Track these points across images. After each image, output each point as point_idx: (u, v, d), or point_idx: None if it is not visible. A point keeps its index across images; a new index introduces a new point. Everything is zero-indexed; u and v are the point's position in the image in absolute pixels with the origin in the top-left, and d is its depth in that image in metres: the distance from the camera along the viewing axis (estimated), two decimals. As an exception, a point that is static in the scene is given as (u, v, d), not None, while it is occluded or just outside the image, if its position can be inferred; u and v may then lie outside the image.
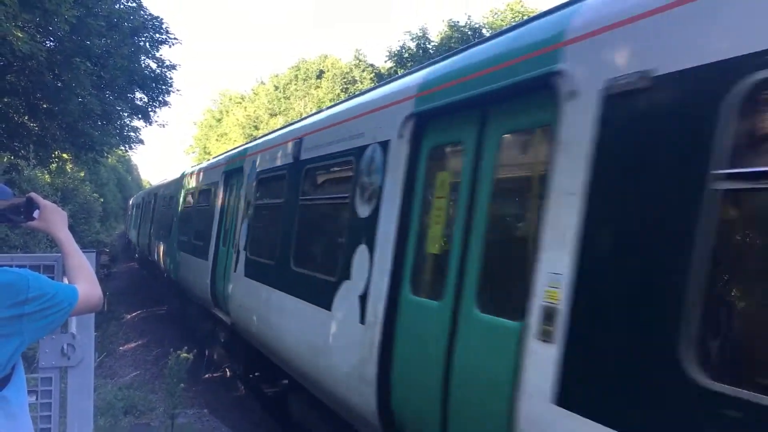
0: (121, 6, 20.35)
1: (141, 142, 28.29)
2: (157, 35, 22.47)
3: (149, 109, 24.02)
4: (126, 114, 23.36)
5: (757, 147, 2.54)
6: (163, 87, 23.51)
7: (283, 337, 6.78)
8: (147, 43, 22.37)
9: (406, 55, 26.59)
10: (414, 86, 4.88)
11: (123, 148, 29.56)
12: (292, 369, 6.73)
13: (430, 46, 25.99)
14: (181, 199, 16.30)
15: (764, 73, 2.39)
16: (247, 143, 11.49)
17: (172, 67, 23.50)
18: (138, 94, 23.35)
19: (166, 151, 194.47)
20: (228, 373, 12.43)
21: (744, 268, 2.72)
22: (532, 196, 3.63)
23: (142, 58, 22.44)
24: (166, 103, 24.04)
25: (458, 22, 25.65)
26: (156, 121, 25.22)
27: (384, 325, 4.58)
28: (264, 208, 8.56)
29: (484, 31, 25.35)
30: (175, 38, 22.89)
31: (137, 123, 24.97)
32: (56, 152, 21.59)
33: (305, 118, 8.32)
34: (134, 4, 21.33)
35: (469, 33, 25.13)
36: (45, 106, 17.84)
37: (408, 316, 4.46)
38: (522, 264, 3.52)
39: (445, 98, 4.36)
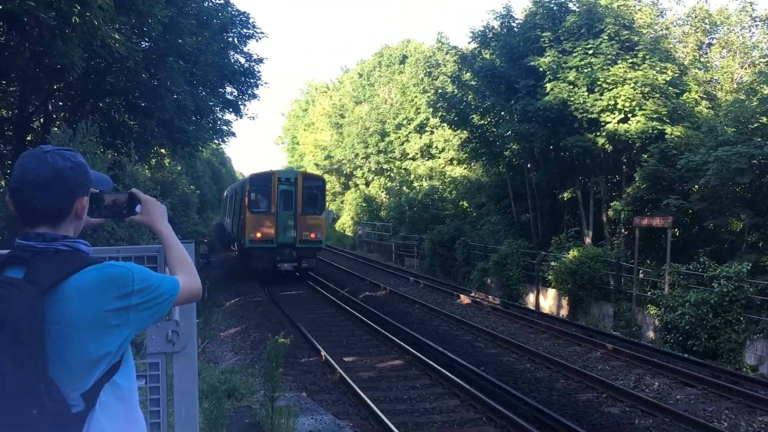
0: (210, 3, 20.96)
1: (233, 134, 29.17)
2: (245, 30, 22.99)
3: (239, 103, 24.66)
4: (218, 108, 24.05)
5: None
6: (252, 80, 24.05)
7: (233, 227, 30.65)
8: (235, 39, 22.95)
9: (491, 35, 25.89)
10: (247, 178, 26.28)
11: (216, 141, 30.57)
12: (233, 235, 31.88)
13: (515, 24, 25.25)
14: (233, 196, 32.87)
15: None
16: (243, 179, 31.83)
17: (260, 60, 24.01)
18: (228, 89, 23.99)
19: (257, 142, 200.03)
20: (323, 358, 12.71)
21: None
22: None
23: (231, 53, 23.04)
24: (255, 96, 24.62)
25: (543, -3, 24.74)
26: (246, 114, 25.79)
27: (239, 218, 26.38)
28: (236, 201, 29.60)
29: (570, 5, 24.35)
30: (261, 32, 23.37)
31: (229, 116, 25.70)
32: (155, 148, 22.56)
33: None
34: (222, 1, 21.93)
35: (555, 8, 24.25)
36: (143, 104, 18.69)
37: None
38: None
39: (238, 184, 31.59)
